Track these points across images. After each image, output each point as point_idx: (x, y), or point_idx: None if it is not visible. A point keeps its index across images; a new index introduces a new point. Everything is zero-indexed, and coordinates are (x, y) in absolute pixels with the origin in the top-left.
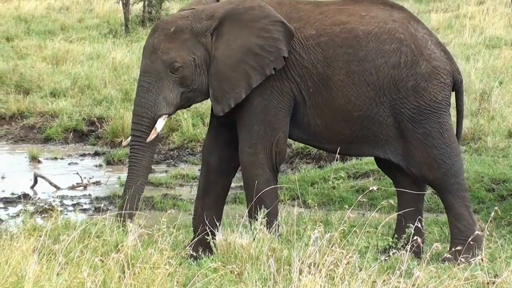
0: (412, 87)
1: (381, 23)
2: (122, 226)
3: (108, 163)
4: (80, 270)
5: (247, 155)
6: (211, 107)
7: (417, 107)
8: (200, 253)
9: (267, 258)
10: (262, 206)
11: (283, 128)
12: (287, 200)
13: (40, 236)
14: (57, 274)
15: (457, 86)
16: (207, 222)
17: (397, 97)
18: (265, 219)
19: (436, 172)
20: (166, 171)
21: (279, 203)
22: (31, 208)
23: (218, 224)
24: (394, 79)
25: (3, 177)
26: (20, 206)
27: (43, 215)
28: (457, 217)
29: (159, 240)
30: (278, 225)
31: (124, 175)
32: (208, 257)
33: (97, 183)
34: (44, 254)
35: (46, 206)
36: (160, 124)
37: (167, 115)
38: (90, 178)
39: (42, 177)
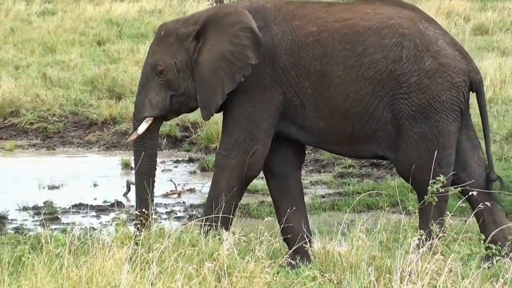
0: (415, 83)
1: (384, 19)
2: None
3: (203, 169)
4: (174, 279)
5: (220, 157)
6: None
7: (418, 105)
8: (297, 261)
9: (366, 266)
10: (215, 209)
11: (262, 140)
12: (387, 206)
13: (134, 245)
14: (151, 284)
15: (475, 86)
16: (304, 229)
17: (398, 93)
18: (213, 222)
19: (425, 176)
20: (262, 178)
21: (379, 209)
22: (124, 216)
23: (307, 228)
24: (394, 74)
25: (95, 185)
26: (112, 214)
27: (136, 223)
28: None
29: (256, 248)
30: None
31: None
32: (306, 266)
33: (191, 190)
34: (137, 263)
35: (139, 214)
36: (143, 126)
37: (151, 118)
38: (184, 185)
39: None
